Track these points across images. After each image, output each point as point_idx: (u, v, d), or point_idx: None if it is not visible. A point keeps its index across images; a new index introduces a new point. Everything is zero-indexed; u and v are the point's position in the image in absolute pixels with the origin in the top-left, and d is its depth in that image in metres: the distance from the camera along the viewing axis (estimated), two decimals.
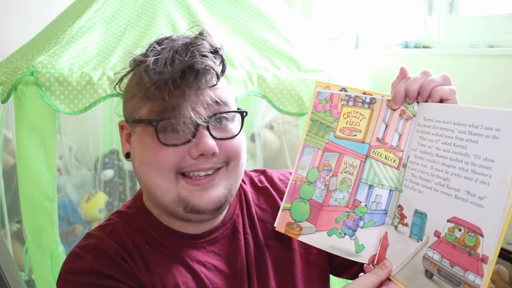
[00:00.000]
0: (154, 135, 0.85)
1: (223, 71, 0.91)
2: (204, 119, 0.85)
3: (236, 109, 0.92)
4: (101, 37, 1.85)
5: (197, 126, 0.85)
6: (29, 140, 1.68)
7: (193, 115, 0.84)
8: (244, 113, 0.93)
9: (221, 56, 0.89)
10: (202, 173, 0.88)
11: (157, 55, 0.84)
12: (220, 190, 0.90)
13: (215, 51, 0.88)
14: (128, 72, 0.92)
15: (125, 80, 0.94)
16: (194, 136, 0.85)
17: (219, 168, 0.90)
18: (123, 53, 1.78)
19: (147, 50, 0.89)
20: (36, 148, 1.68)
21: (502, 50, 2.12)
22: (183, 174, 0.88)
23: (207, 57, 0.85)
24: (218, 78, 0.88)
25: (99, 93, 1.66)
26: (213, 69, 0.85)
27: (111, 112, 2.55)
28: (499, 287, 1.92)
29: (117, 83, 0.94)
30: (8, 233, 2.14)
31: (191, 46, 0.85)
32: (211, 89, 0.87)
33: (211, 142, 0.86)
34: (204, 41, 0.87)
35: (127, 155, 0.95)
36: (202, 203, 0.88)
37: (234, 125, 0.92)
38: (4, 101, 1.72)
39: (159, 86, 0.82)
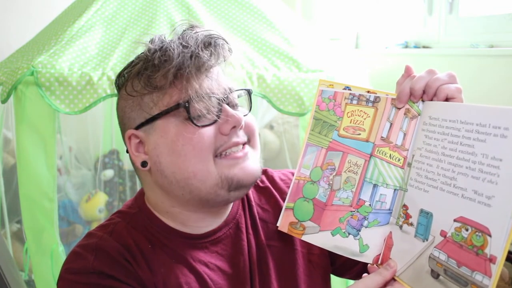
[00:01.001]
0: (184, 121, 0.87)
1: None
2: (224, 95, 0.89)
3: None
4: (101, 37, 1.85)
5: (221, 103, 0.88)
6: (29, 140, 1.67)
7: (215, 91, 0.88)
8: (251, 90, 0.98)
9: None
10: (234, 149, 0.90)
11: (168, 44, 0.88)
12: (255, 162, 0.93)
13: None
14: (137, 65, 0.91)
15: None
16: (220, 112, 0.87)
17: (244, 144, 0.92)
18: (123, 53, 1.78)
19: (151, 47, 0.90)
20: (36, 148, 1.68)
21: (502, 50, 2.13)
22: (218, 155, 0.89)
23: (216, 33, 0.89)
24: (230, 52, 0.92)
25: (99, 93, 1.66)
26: (226, 42, 0.90)
27: (111, 112, 2.55)
28: (499, 287, 1.92)
29: (127, 82, 0.93)
30: (8, 233, 2.13)
31: (194, 30, 0.90)
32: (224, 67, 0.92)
33: (239, 114, 0.89)
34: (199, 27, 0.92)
35: (144, 164, 0.92)
36: (245, 175, 0.90)
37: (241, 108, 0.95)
38: (4, 101, 1.72)
39: (183, 61, 0.84)
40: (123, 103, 0.93)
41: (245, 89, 0.96)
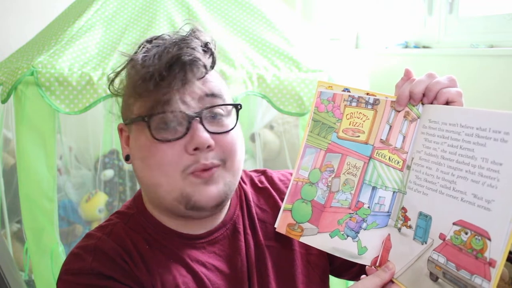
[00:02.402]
0: (148, 132, 0.86)
1: (213, 64, 0.90)
2: (196, 112, 0.85)
3: (229, 103, 0.92)
4: (101, 37, 1.85)
5: (190, 120, 0.85)
6: (29, 140, 1.68)
7: (182, 108, 0.84)
8: (239, 106, 0.92)
9: (211, 50, 0.89)
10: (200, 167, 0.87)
11: (147, 52, 0.85)
12: (219, 186, 0.89)
13: (204, 45, 0.88)
14: (120, 71, 0.93)
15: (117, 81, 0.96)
16: (187, 130, 0.85)
17: (217, 166, 0.89)
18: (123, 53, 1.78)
19: (138, 49, 0.89)
20: (36, 148, 1.68)
21: (502, 50, 2.12)
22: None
23: (195, 49, 0.85)
24: (206, 69, 0.88)
25: (99, 93, 1.66)
26: (200, 60, 0.85)
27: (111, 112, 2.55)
28: (499, 287, 1.92)
29: (110, 83, 0.95)
30: (8, 233, 2.13)
31: (181, 42, 0.85)
32: (202, 82, 0.87)
33: (205, 135, 0.85)
34: (194, 37, 0.87)
35: (127, 158, 0.94)
36: (203, 199, 0.87)
37: (230, 121, 0.91)
38: (4, 101, 1.72)
39: (145, 79, 0.82)
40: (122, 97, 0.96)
41: (229, 104, 0.92)
